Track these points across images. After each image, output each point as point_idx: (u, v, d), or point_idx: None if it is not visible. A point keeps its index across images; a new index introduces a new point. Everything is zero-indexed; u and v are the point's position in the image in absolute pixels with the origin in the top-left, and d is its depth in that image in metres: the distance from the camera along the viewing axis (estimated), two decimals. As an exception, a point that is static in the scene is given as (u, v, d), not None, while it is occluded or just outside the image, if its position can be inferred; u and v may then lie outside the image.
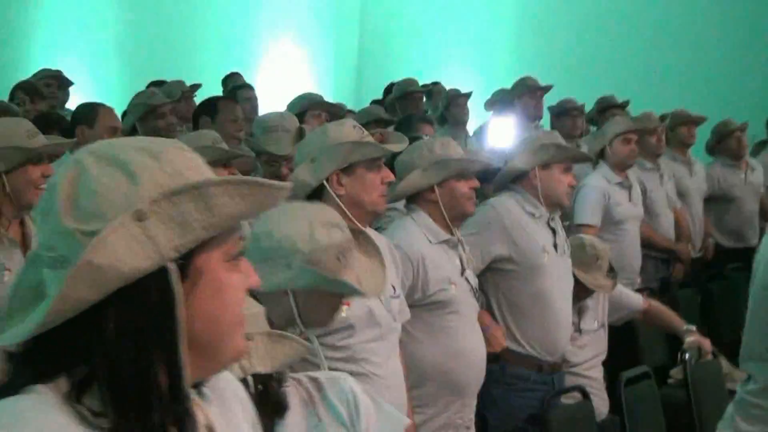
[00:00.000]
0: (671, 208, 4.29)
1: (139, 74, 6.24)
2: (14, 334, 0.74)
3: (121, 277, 0.71)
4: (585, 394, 2.70)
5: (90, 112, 3.35)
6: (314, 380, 1.39)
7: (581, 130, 4.74)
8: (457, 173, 2.46)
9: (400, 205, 2.70)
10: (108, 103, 3.73)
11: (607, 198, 3.74)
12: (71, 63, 6.67)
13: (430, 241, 2.44)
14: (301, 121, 3.24)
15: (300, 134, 2.92)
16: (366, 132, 2.21)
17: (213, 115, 3.29)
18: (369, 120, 4.01)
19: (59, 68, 5.92)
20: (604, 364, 3.00)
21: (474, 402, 2.49)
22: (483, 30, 8.26)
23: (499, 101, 5.05)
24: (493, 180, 2.89)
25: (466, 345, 2.43)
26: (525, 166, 2.74)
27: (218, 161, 2.52)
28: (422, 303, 2.40)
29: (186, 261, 0.77)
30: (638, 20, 7.25)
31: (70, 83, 5.55)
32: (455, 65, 7.94)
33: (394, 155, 2.53)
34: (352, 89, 8.48)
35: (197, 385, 0.86)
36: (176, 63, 7.22)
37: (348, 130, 2.12)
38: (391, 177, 2.21)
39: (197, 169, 0.79)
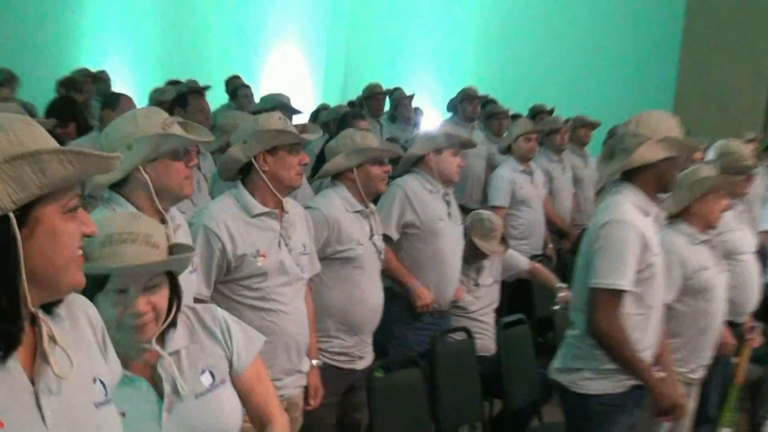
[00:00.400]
0: (570, 192, 5.14)
1: (170, 75, 7.12)
2: None
3: None
4: (469, 334, 3.31)
5: (115, 99, 3.97)
6: (192, 309, 1.62)
7: (505, 129, 5.59)
8: (373, 159, 3.00)
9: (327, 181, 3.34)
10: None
11: (512, 184, 4.54)
12: (113, 66, 7.67)
13: (347, 210, 2.91)
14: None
15: None
16: (289, 122, 2.79)
17: (184, 106, 3.81)
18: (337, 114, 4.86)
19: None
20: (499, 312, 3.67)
21: (369, 339, 2.99)
22: (450, 43, 9.77)
23: (449, 105, 6.08)
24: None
25: (366, 294, 2.90)
26: (421, 152, 3.38)
27: None
28: (334, 256, 2.85)
29: (24, 212, 0.94)
30: (569, 43, 8.91)
31: (104, 79, 6.36)
32: (425, 74, 9.46)
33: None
34: (339, 90, 9.83)
35: (49, 306, 1.05)
36: (202, 64, 8.20)
37: (275, 120, 2.46)
38: (306, 159, 2.57)
39: (38, 140, 0.96)
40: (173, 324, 1.50)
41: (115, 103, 3.88)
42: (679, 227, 2.89)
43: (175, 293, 1.50)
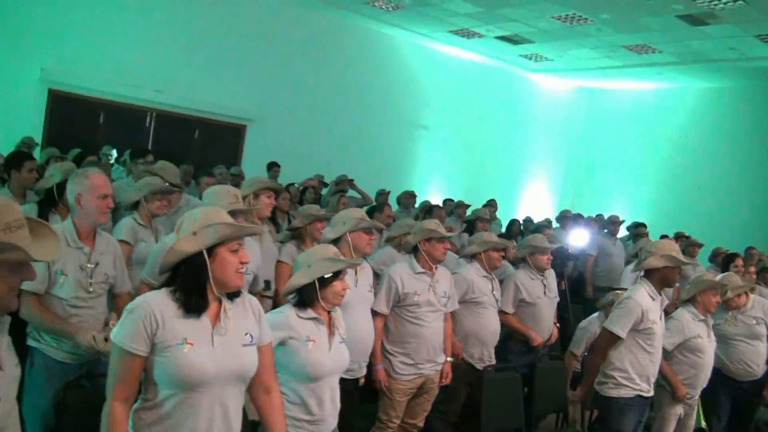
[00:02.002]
0: None
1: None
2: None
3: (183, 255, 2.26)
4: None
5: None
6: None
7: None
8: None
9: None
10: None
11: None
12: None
13: (477, 275, 4.87)
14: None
15: None
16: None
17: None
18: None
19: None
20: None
21: (491, 351, 4.87)
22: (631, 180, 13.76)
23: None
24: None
25: (489, 324, 4.84)
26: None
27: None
28: (469, 301, 4.92)
29: (210, 250, 2.27)
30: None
31: None
32: (616, 202, 13.27)
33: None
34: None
35: (231, 296, 2.37)
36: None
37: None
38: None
39: (221, 216, 2.38)
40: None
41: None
42: (688, 308, 4.58)
43: None
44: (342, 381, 3.20)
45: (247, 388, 2.49)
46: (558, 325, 5.47)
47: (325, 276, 2.98)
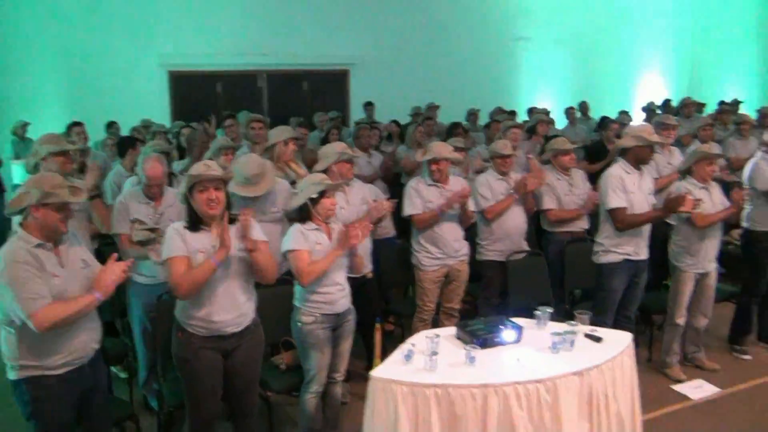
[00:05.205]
0: None
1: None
2: None
3: None
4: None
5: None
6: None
7: None
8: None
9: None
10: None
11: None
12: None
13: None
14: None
15: None
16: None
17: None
18: None
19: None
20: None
21: (522, 242, 5.68)
22: None
23: None
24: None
25: (516, 220, 5.62)
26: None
27: None
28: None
29: (191, 191, 3.46)
30: None
31: None
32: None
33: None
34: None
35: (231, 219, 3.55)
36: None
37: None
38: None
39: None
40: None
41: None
42: (689, 179, 5.00)
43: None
44: (351, 279, 4.23)
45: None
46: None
47: (314, 196, 3.95)
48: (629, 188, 4.73)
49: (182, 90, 11.45)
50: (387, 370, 3.42)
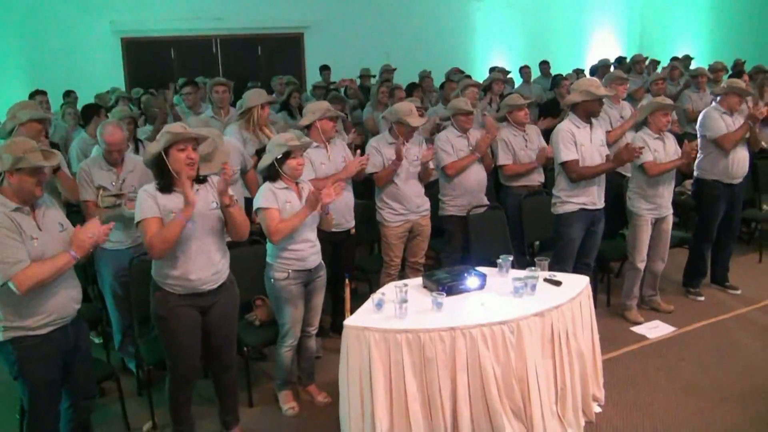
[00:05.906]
0: None
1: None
2: None
3: None
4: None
5: None
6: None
7: None
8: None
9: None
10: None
11: None
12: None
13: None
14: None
15: None
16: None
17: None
18: None
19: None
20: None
21: (481, 197, 5.89)
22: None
23: None
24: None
25: (471, 175, 5.86)
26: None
27: None
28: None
29: (167, 150, 4.74)
30: None
31: None
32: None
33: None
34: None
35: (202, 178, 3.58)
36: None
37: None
38: None
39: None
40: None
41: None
42: (644, 130, 5.25)
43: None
44: (334, 234, 4.47)
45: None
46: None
47: (279, 156, 4.05)
48: (580, 141, 4.95)
49: (136, 57, 11.29)
50: (360, 318, 3.59)
